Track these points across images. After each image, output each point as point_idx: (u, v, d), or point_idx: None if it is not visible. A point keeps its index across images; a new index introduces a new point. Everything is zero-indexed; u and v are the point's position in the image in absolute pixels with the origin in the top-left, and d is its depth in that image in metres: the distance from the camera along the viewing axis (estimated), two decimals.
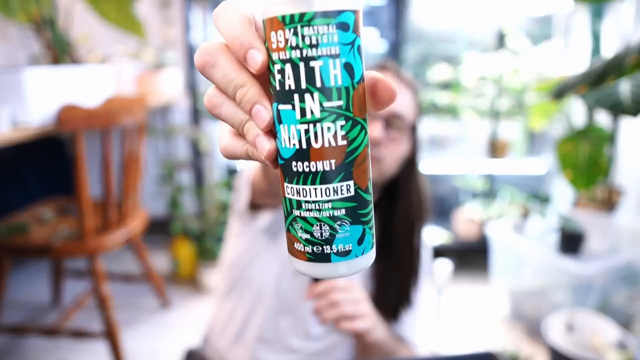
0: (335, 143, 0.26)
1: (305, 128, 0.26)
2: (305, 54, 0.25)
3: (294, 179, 0.27)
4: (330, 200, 0.27)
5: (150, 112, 2.28)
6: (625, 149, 1.74)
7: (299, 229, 0.28)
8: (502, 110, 2.23)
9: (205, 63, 0.26)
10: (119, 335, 1.44)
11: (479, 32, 2.28)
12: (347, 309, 0.64)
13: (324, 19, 0.24)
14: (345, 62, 0.25)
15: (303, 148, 0.26)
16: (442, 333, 1.77)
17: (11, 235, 1.38)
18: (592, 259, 1.55)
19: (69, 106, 1.24)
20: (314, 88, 0.25)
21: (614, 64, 0.83)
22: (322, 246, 0.27)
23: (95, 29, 1.83)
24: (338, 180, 0.26)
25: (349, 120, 0.26)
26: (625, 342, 1.36)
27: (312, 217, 0.27)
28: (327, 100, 0.25)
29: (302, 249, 0.28)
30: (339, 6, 0.25)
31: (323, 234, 0.27)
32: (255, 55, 0.25)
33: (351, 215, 0.27)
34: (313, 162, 0.26)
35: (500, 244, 1.84)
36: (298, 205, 0.27)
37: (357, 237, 0.28)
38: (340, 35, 0.25)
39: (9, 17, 1.32)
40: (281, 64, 0.25)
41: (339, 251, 0.27)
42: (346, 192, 0.27)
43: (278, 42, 0.25)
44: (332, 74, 0.25)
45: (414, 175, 0.82)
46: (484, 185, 2.32)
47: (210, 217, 2.10)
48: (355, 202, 0.27)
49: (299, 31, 0.24)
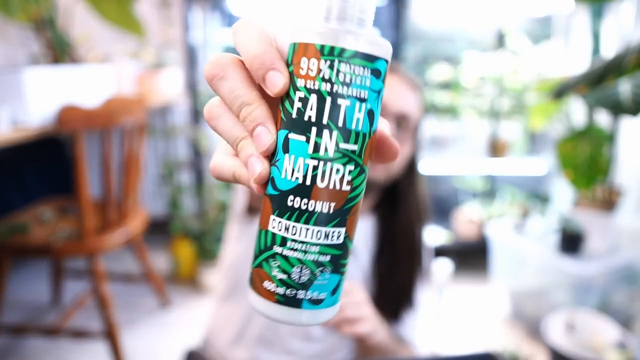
0: (340, 187, 0.25)
1: (315, 164, 0.24)
2: (336, 90, 0.24)
3: (286, 213, 0.25)
4: (318, 244, 0.25)
5: (150, 112, 2.28)
6: (625, 149, 1.74)
7: (275, 267, 0.26)
8: (502, 110, 2.23)
9: (215, 75, 0.25)
10: (119, 335, 1.44)
11: (479, 32, 2.28)
12: (349, 313, 0.64)
13: (363, 60, 0.24)
14: (370, 108, 0.25)
15: (306, 184, 0.25)
16: (442, 333, 1.77)
17: (11, 235, 1.37)
18: (592, 259, 1.55)
19: (69, 106, 1.24)
20: (334, 126, 0.24)
21: (614, 64, 0.83)
22: (297, 290, 0.26)
23: (95, 29, 1.83)
24: (332, 225, 0.25)
25: (358, 166, 0.25)
26: (625, 342, 1.36)
27: (294, 257, 0.25)
28: (344, 142, 0.24)
29: (273, 289, 0.26)
30: (378, 52, 0.24)
31: (302, 278, 0.25)
32: (277, 78, 0.24)
33: (334, 263, 0.26)
34: (312, 201, 0.25)
35: (500, 244, 1.84)
36: (282, 242, 0.25)
37: (332, 286, 0.27)
38: (372, 80, 0.25)
39: (9, 17, 1.31)
40: (306, 93, 0.24)
41: (312, 298, 0.26)
42: (336, 238, 0.26)
43: (309, 70, 0.24)
44: (356, 117, 0.24)
45: (414, 176, 0.82)
46: (484, 185, 2.32)
47: (210, 217, 2.10)
48: (341, 250, 0.26)
49: (335, 65, 0.24)
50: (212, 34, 2.21)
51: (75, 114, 1.24)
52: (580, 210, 1.65)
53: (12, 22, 1.42)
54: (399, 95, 0.74)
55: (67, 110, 1.23)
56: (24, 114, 1.22)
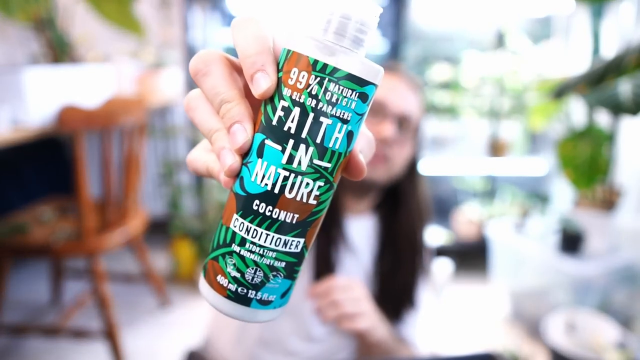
0: (306, 200, 0.25)
1: (286, 175, 0.24)
2: (320, 107, 0.24)
3: (249, 216, 0.25)
4: (276, 250, 0.26)
5: (150, 112, 2.27)
6: (625, 149, 1.74)
7: (230, 264, 0.26)
8: (502, 110, 2.23)
9: (198, 70, 0.26)
10: (119, 336, 1.44)
11: (479, 32, 2.28)
12: (348, 308, 0.64)
13: (353, 83, 0.24)
14: (350, 130, 0.25)
15: (274, 192, 0.25)
16: (442, 333, 1.77)
17: (11, 235, 1.37)
18: (592, 259, 1.55)
19: (69, 106, 1.24)
20: (312, 142, 0.24)
21: (614, 64, 0.83)
22: (248, 290, 0.26)
23: (95, 29, 1.83)
24: (292, 235, 0.26)
25: (327, 183, 0.25)
26: (625, 342, 1.36)
27: (250, 259, 0.26)
28: (319, 159, 0.25)
29: (225, 285, 0.26)
30: (369, 77, 0.24)
31: (254, 279, 0.26)
32: (263, 81, 0.24)
33: (287, 270, 0.27)
34: (277, 210, 0.25)
35: (500, 244, 1.84)
36: (241, 242, 0.26)
37: (282, 290, 0.27)
38: (357, 104, 0.24)
39: (9, 17, 1.32)
40: (290, 104, 0.24)
41: (261, 299, 0.27)
42: (294, 247, 0.26)
43: (297, 82, 0.24)
44: (335, 136, 0.24)
45: (415, 176, 0.82)
46: (484, 185, 2.32)
47: (210, 217, 2.10)
48: (297, 258, 0.27)
49: (324, 83, 0.23)
50: (212, 34, 2.21)
51: (75, 114, 1.24)
52: (580, 210, 1.65)
53: (12, 22, 1.42)
54: (401, 96, 0.74)
55: (67, 110, 1.23)
56: (24, 114, 1.22)
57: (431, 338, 1.72)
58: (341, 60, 0.23)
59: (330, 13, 0.25)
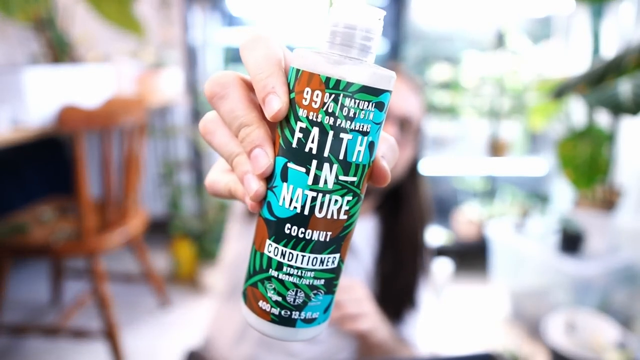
0: (337, 217, 0.25)
1: (314, 195, 0.24)
2: (338, 124, 0.23)
3: (282, 240, 0.25)
4: (314, 270, 0.26)
5: (150, 112, 2.27)
6: (625, 149, 1.74)
7: (270, 289, 0.26)
8: (502, 110, 2.23)
9: (215, 94, 0.25)
10: (119, 336, 1.44)
11: (479, 32, 2.28)
12: (350, 309, 0.64)
13: (368, 95, 0.23)
14: (371, 140, 0.25)
15: (304, 214, 0.24)
16: (442, 333, 1.77)
17: (11, 235, 1.37)
18: (592, 259, 1.55)
19: (69, 106, 1.23)
20: (335, 160, 0.24)
21: (614, 64, 0.83)
22: (292, 311, 0.26)
23: (95, 29, 1.83)
24: (328, 252, 0.26)
25: (355, 196, 0.25)
26: (625, 342, 1.36)
27: (290, 281, 0.25)
28: (344, 175, 0.24)
29: (268, 309, 0.26)
30: (383, 85, 0.24)
31: (296, 300, 0.26)
32: (274, 103, 0.23)
33: (327, 286, 0.27)
34: (310, 230, 0.25)
35: (500, 244, 1.84)
36: (278, 267, 0.25)
37: (325, 306, 0.27)
38: (375, 114, 0.24)
39: (9, 17, 1.32)
40: (308, 124, 0.24)
41: (305, 318, 0.26)
42: (331, 264, 0.26)
43: (312, 102, 0.23)
44: (357, 150, 0.24)
45: (416, 178, 0.82)
46: (484, 185, 2.32)
47: (210, 217, 2.10)
48: (335, 273, 0.27)
49: (340, 99, 0.23)
50: (212, 34, 2.21)
51: (75, 114, 1.24)
52: (580, 210, 1.65)
53: (12, 22, 1.42)
54: (402, 98, 0.74)
55: (67, 111, 1.23)
56: (24, 114, 1.22)
57: (431, 338, 1.72)
58: (353, 73, 0.23)
59: (334, 25, 0.24)
